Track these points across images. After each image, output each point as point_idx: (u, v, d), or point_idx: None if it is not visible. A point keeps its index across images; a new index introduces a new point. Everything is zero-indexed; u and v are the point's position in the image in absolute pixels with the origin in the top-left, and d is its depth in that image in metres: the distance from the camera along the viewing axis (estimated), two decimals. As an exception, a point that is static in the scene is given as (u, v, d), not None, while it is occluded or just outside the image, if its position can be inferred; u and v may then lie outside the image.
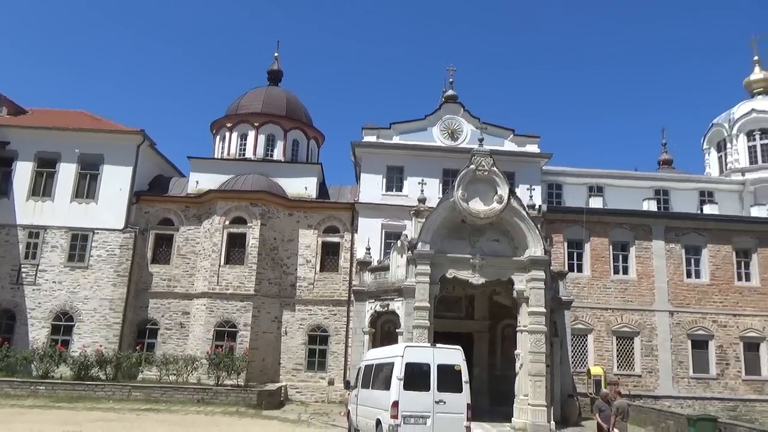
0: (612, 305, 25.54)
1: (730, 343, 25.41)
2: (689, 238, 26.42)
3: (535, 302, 18.51)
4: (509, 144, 27.44)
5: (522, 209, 19.35)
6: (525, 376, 18.07)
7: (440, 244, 19.10)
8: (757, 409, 24.49)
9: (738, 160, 32.11)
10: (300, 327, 25.49)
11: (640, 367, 25.03)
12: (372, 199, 26.37)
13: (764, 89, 33.73)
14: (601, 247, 26.16)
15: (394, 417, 12.07)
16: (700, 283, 26.06)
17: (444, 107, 28.10)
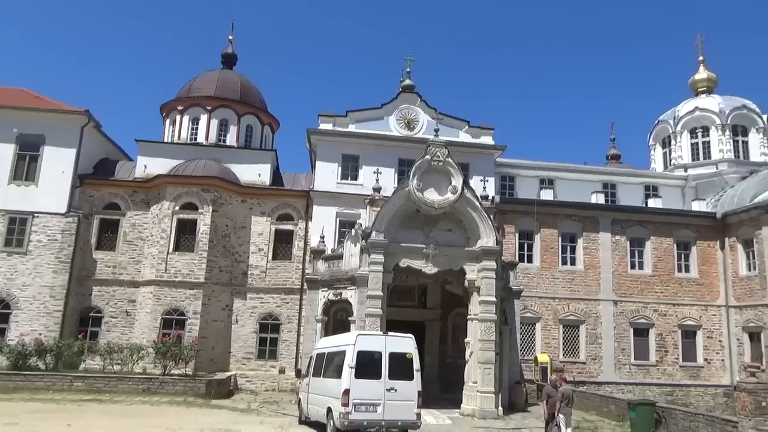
0: (560, 295, 26.27)
1: (669, 331, 26.57)
2: (634, 230, 27.39)
3: (486, 291, 18.82)
4: (464, 135, 27.69)
5: (475, 200, 19.57)
6: (475, 364, 18.39)
7: (394, 234, 19.14)
8: (692, 394, 25.77)
9: (681, 156, 33.46)
10: (251, 315, 25.16)
11: (584, 354, 25.89)
12: (327, 187, 26.18)
13: (708, 88, 35.17)
14: (551, 239, 26.82)
15: (345, 405, 12.10)
16: (642, 274, 27.09)
17: (401, 97, 28.08)
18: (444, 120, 26.68)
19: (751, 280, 25.93)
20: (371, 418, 12.25)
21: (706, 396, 25.90)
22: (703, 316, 26.91)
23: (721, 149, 32.20)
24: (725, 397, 25.78)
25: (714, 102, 33.46)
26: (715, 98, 33.90)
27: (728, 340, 26.60)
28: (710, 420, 15.28)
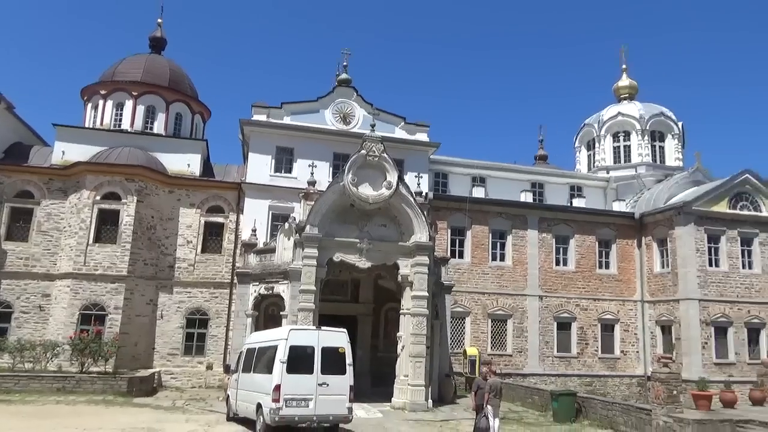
0: (489, 290, 26.96)
1: (590, 325, 27.86)
2: (560, 228, 28.49)
3: (418, 286, 19.03)
4: (400, 131, 27.83)
5: (410, 196, 19.72)
6: (406, 358, 18.57)
7: (328, 228, 19.00)
8: (609, 384, 27.18)
9: (604, 159, 35.14)
10: (178, 310, 24.27)
11: (511, 347, 26.72)
12: (260, 179, 25.61)
13: (629, 95, 37.09)
14: (482, 235, 27.46)
15: (276, 401, 11.88)
16: (566, 270, 28.25)
17: (337, 90, 27.86)
18: (380, 115, 26.68)
19: (665, 276, 27.60)
20: (303, 414, 12.10)
21: (621, 386, 27.38)
22: (621, 311, 28.40)
23: (640, 153, 34.08)
24: (639, 386, 27.38)
25: (635, 108, 35.34)
26: (635, 105, 35.82)
27: (642, 333, 28.21)
28: (626, 408, 16.13)
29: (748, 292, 26.91)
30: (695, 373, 23.51)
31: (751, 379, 21.88)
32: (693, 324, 25.82)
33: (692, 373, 23.53)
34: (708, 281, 26.48)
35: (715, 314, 26.16)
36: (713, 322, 26.07)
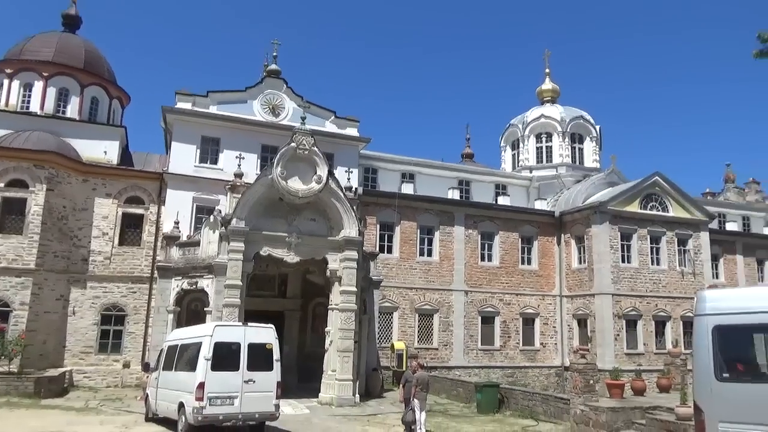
0: (416, 285, 27.27)
1: (512, 319, 28.80)
2: (485, 225, 29.24)
3: (347, 281, 18.95)
4: (330, 125, 27.56)
5: (340, 191, 19.58)
6: (334, 353, 18.45)
7: (256, 221, 18.53)
8: (529, 375, 28.23)
9: (528, 158, 36.41)
10: (92, 306, 22.89)
11: (437, 341, 27.17)
12: (184, 170, 24.58)
13: (552, 98, 38.61)
14: (410, 231, 27.72)
15: (200, 399, 11.43)
16: (491, 266, 29.04)
17: (266, 81, 27.20)
18: (310, 108, 26.40)
19: (581, 272, 28.97)
20: (227, 412, 11.71)
21: (541, 376, 28.52)
22: (541, 305, 29.55)
23: (561, 154, 35.57)
24: (557, 377, 28.63)
25: (557, 111, 36.83)
26: (557, 108, 37.33)
27: (561, 326, 29.49)
28: (545, 398, 16.80)
29: (656, 286, 28.72)
30: (608, 363, 24.84)
31: (658, 367, 23.36)
32: (607, 317, 27.27)
33: (606, 363, 24.84)
34: (621, 277, 28.03)
35: (627, 308, 27.75)
36: (625, 315, 27.64)
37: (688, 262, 29.64)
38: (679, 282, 29.26)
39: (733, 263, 33.27)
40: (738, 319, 7.41)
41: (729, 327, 7.42)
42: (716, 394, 7.27)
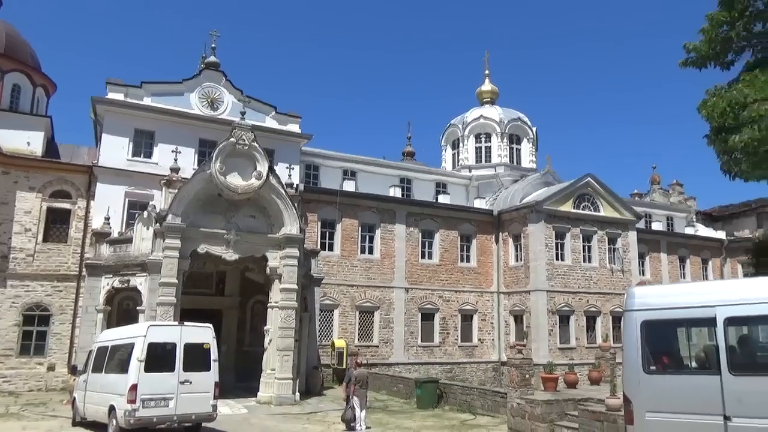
0: (357, 282, 27.25)
1: (451, 315, 29.27)
2: (426, 223, 29.55)
3: (287, 279, 18.70)
4: (271, 121, 27.10)
5: (280, 187, 19.30)
6: (273, 351, 18.18)
7: (193, 218, 17.98)
8: (467, 370, 28.78)
9: (468, 158, 37.09)
10: (13, 306, 21.52)
11: (378, 338, 27.26)
12: (115, 163, 23.51)
13: (491, 99, 39.46)
14: (351, 228, 27.65)
15: (132, 401, 10.99)
16: (431, 264, 29.39)
17: (204, 74, 26.41)
18: (251, 103, 25.98)
19: (518, 269, 29.79)
20: (162, 414, 11.32)
21: (478, 371, 29.14)
22: (479, 301, 30.18)
23: (500, 154, 36.44)
24: (494, 371, 29.34)
25: (496, 112, 37.68)
26: (497, 109, 38.19)
27: (498, 322, 30.22)
28: (483, 392, 17.18)
29: (587, 283, 29.90)
30: (543, 357, 25.64)
31: (589, 361, 24.33)
32: (541, 313, 28.17)
33: (541, 357, 25.64)
34: (555, 274, 29.01)
35: (560, 304, 28.75)
36: (558, 311, 28.64)
37: (617, 260, 31.02)
38: (609, 279, 30.59)
39: (658, 261, 35.09)
40: (663, 314, 7.79)
41: (655, 322, 7.79)
42: (643, 386, 7.62)
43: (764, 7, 11.87)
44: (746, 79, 10.95)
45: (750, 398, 6.81)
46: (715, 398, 6.99)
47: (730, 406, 6.89)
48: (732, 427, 6.85)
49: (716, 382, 7.05)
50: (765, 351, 8.23)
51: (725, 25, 12.16)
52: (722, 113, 10.91)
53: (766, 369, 7.41)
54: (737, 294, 7.46)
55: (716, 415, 6.96)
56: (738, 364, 7.12)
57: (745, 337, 7.77)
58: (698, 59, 12.62)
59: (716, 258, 37.47)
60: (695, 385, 7.35)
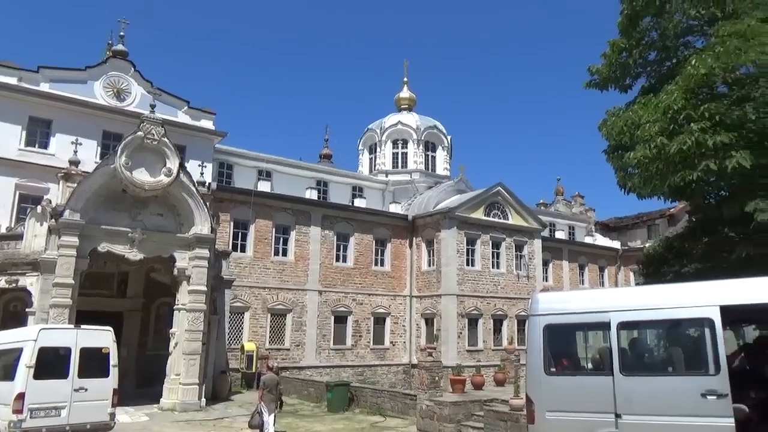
0: (270, 284, 26.72)
1: (364, 318, 29.39)
2: (341, 226, 29.50)
3: (197, 280, 18.04)
4: (183, 116, 26.07)
5: (192, 185, 18.60)
6: (179, 355, 17.46)
7: (93, 214, 16.92)
8: (379, 373, 28.98)
9: (384, 163, 37.49)
10: None
11: (289, 341, 26.85)
12: (5, 153, 21.69)
13: (409, 106, 40.12)
14: (265, 229, 27.10)
15: (18, 411, 10.14)
16: (345, 267, 29.37)
17: (111, 62, 24.99)
18: (162, 96, 24.75)
19: (430, 274, 30.43)
20: (52, 424, 10.51)
21: (389, 374, 29.43)
22: (392, 305, 30.52)
23: (415, 161, 37.12)
24: (405, 374, 29.74)
25: (413, 119, 38.36)
26: (414, 116, 38.88)
27: (410, 325, 30.69)
28: (393, 394, 17.37)
29: (495, 288, 31.05)
30: (452, 360, 26.33)
31: (495, 363, 25.24)
32: (451, 316, 28.92)
33: (450, 360, 26.30)
34: (465, 279, 29.89)
35: (470, 308, 29.66)
36: (467, 315, 29.52)
37: (523, 266, 32.44)
38: (515, 284, 31.93)
39: (560, 268, 37.09)
40: (564, 319, 8.26)
41: (557, 326, 8.24)
42: (545, 387, 8.03)
43: (658, 38, 12.94)
44: (641, 102, 11.85)
45: (638, 397, 7.35)
46: (607, 397, 7.48)
47: (621, 404, 7.40)
48: (622, 424, 7.35)
49: (609, 382, 7.54)
50: (651, 353, 8.91)
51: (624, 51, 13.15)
52: (619, 132, 11.74)
53: (651, 369, 8.05)
54: (629, 301, 8.05)
55: (609, 413, 7.44)
56: (628, 365, 7.66)
57: (634, 340, 8.39)
58: (600, 81, 13.57)
59: (612, 266, 40.15)
60: (591, 386, 7.83)
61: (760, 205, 9.44)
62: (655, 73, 13.46)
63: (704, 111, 9.73)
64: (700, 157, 9.78)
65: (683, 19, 12.50)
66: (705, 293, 7.45)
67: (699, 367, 7.25)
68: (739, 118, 9.78)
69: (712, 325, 7.14)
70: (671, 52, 13.03)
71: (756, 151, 9.77)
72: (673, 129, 10.19)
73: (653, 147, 10.33)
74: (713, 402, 6.87)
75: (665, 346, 8.55)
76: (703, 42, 12.47)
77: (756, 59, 9.43)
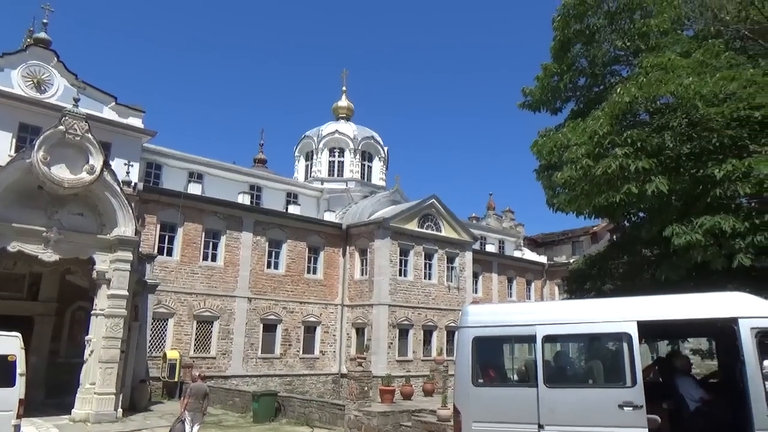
0: (197, 290, 25.85)
1: (294, 327, 28.94)
2: (274, 232, 28.99)
3: (117, 284, 17.19)
4: (109, 112, 24.84)
5: (116, 184, 17.75)
6: (95, 363, 16.53)
7: (3, 211, 15.85)
8: (308, 382, 28.58)
9: (320, 170, 37.28)
10: None
11: (215, 349, 26.03)
12: None
13: (347, 115, 40.18)
14: (194, 233, 26.23)
15: None
16: (277, 274, 28.85)
17: (31, 50, 23.51)
18: (87, 90, 23.72)
19: (363, 283, 30.40)
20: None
21: (318, 383, 29.07)
22: (323, 314, 30.23)
23: (352, 170, 37.15)
24: (334, 383, 29.47)
25: (350, 129, 38.42)
26: (351, 126, 38.95)
27: (340, 334, 30.48)
28: (321, 404, 17.16)
29: (426, 299, 31.40)
30: (382, 370, 26.34)
31: (424, 373, 25.49)
32: (383, 326, 28.96)
33: (380, 370, 26.30)
34: (397, 289, 30.06)
35: (401, 318, 29.83)
36: (398, 325, 29.66)
37: (454, 278, 33.00)
38: (446, 295, 32.41)
39: (490, 280, 38.03)
40: (493, 331, 8.41)
41: (485, 338, 8.38)
42: (472, 398, 8.13)
43: (587, 65, 13.60)
44: (570, 125, 12.38)
45: (560, 408, 7.57)
46: (532, 408, 7.67)
47: (544, 415, 7.60)
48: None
49: (533, 393, 7.74)
50: (573, 366, 9.23)
51: (556, 75, 13.72)
52: (549, 152, 12.21)
53: (572, 381, 8.34)
54: (553, 315, 8.31)
55: (532, 424, 7.62)
56: (552, 377, 7.89)
57: (558, 353, 8.67)
58: (533, 103, 14.10)
59: (538, 280, 41.59)
60: (516, 397, 8.00)
61: (677, 230, 10.00)
62: (584, 98, 14.11)
63: (627, 137, 10.26)
64: (623, 180, 10.28)
65: (611, 49, 13.20)
66: (623, 309, 7.81)
67: (617, 379, 7.57)
68: (658, 145, 10.37)
69: (629, 339, 7.48)
70: (599, 79, 13.71)
71: (672, 177, 10.39)
72: (598, 152, 10.68)
73: (579, 168, 10.78)
74: (629, 413, 7.17)
75: (586, 359, 8.88)
76: (628, 71, 13.21)
77: (674, 91, 10.04)
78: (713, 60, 10.90)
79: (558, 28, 13.39)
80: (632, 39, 12.70)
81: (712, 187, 9.98)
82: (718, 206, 10.00)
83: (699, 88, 9.80)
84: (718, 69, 10.54)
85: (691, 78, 10.02)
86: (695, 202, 10.54)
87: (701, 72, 10.40)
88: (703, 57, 10.87)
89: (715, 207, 10.03)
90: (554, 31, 13.57)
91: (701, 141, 10.31)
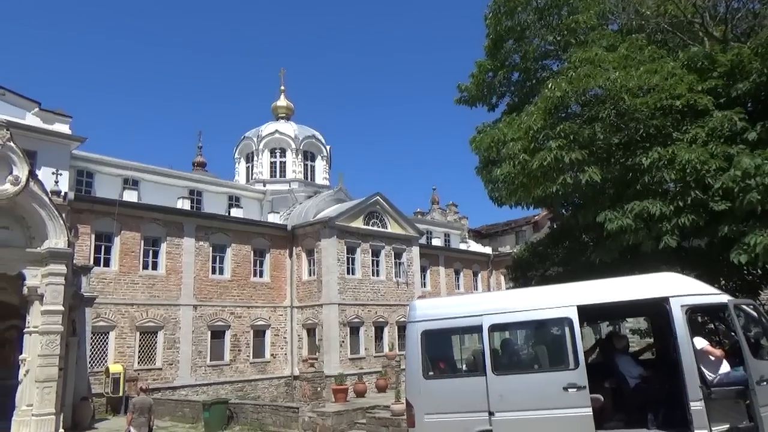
0: (138, 301, 24.98)
1: (243, 332, 28.44)
2: (217, 237, 28.36)
3: (51, 300, 16.34)
4: (33, 118, 23.61)
5: (44, 195, 16.86)
6: (31, 384, 15.68)
7: None
8: (260, 387, 28.16)
9: (262, 172, 36.75)
10: None
11: (161, 360, 25.25)
12: None
13: (286, 115, 39.76)
14: (132, 242, 25.33)
15: None
16: (222, 279, 28.27)
17: (-54, 55, 22.10)
18: (6, 96, 22.56)
19: (311, 283, 30.21)
20: None
21: (271, 387, 28.69)
22: (272, 316, 29.86)
23: (294, 170, 36.81)
24: (286, 386, 29.16)
25: (291, 128, 38.04)
26: (292, 125, 38.57)
27: (291, 336, 30.18)
28: (275, 408, 16.98)
29: (376, 295, 31.51)
30: (334, 369, 26.25)
31: (377, 369, 25.61)
32: (333, 325, 28.88)
33: (332, 369, 26.21)
34: (346, 287, 30.03)
35: (351, 316, 29.83)
36: (349, 323, 29.66)
37: (402, 273, 33.27)
38: (395, 291, 32.63)
39: (437, 274, 38.56)
40: (440, 324, 8.58)
41: (433, 331, 8.54)
42: (423, 390, 8.27)
43: (520, 61, 14.00)
44: (506, 120, 12.74)
45: (509, 394, 7.82)
46: (481, 397, 7.87)
47: (494, 402, 7.82)
48: (495, 421, 7.77)
49: (482, 382, 7.95)
50: (519, 353, 9.53)
51: (491, 72, 14.06)
52: (487, 148, 12.51)
53: (519, 368, 8.60)
54: (498, 304, 8.56)
55: (483, 412, 7.83)
56: (499, 365, 8.13)
57: (504, 341, 8.93)
58: (469, 99, 14.41)
59: (484, 271, 42.51)
60: (466, 386, 8.20)
61: (609, 215, 10.49)
62: (519, 93, 14.53)
63: (561, 130, 10.66)
64: (558, 172, 10.68)
65: (541, 44, 13.64)
66: (564, 295, 8.13)
67: (560, 362, 7.88)
68: (589, 137, 10.82)
69: (570, 323, 7.80)
70: (531, 74, 14.15)
71: (604, 167, 10.90)
72: (533, 147, 11.05)
73: (517, 164, 11.15)
74: (573, 394, 7.49)
75: (531, 345, 9.18)
76: (558, 65, 13.69)
77: (603, 84, 10.50)
78: (637, 54, 11.45)
79: (490, 25, 13.71)
80: (561, 34, 13.16)
81: (640, 174, 10.51)
82: (647, 192, 10.54)
83: (625, 81, 10.29)
84: (642, 63, 11.10)
85: (618, 72, 10.51)
86: (626, 189, 11.07)
87: (627, 66, 10.92)
88: (627, 51, 11.40)
89: (644, 193, 10.56)
90: (487, 28, 13.90)
91: (629, 131, 10.85)
